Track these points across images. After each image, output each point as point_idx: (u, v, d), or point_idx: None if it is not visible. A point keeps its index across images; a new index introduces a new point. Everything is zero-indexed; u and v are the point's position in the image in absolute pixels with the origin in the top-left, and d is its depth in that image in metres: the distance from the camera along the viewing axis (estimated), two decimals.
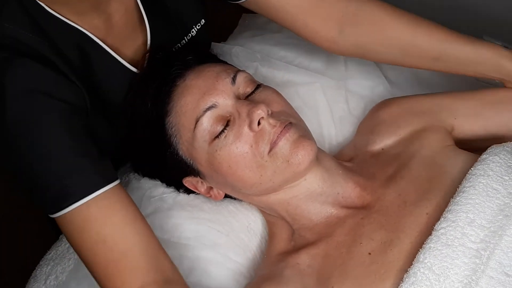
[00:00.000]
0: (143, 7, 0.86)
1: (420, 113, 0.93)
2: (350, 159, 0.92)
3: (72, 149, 0.75)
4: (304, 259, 0.80)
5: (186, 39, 0.95)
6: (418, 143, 0.89)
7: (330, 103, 1.04)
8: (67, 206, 0.73)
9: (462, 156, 0.85)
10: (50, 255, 0.98)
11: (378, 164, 0.88)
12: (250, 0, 0.91)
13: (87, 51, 0.81)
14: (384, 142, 0.92)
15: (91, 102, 0.81)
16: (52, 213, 0.75)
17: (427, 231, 0.75)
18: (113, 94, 0.86)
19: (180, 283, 0.77)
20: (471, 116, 0.92)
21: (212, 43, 1.07)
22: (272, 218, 0.90)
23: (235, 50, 1.11)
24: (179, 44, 0.94)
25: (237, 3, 0.93)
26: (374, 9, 0.91)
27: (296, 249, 0.82)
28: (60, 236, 1.00)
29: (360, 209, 0.83)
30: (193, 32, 0.95)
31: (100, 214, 0.74)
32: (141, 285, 0.73)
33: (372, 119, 0.97)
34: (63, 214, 0.74)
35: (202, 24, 0.96)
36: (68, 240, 0.77)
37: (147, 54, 0.89)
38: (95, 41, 0.81)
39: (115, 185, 0.77)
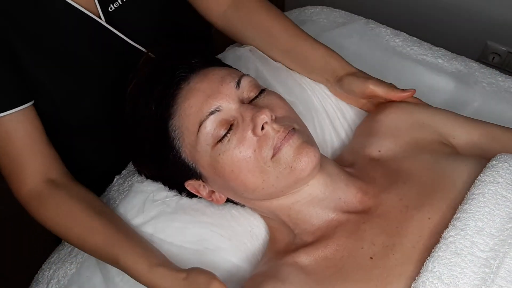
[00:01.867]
0: None
1: (421, 122, 0.92)
2: (350, 164, 0.92)
3: None
4: (302, 258, 0.80)
5: None
6: (419, 148, 0.89)
7: (333, 108, 1.04)
8: None
9: (464, 161, 0.84)
10: (52, 259, 0.98)
11: (379, 168, 0.88)
12: None
13: None
14: (381, 144, 0.91)
15: (25, 41, 0.88)
16: None
17: (430, 236, 0.75)
18: (66, 37, 0.92)
19: (65, 179, 0.93)
20: (469, 145, 0.92)
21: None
22: (274, 223, 0.89)
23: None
24: None
25: None
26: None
27: (295, 249, 0.82)
28: (62, 240, 1.00)
29: (362, 213, 0.82)
30: None
31: (6, 133, 0.89)
32: (33, 185, 0.90)
33: (371, 122, 0.96)
34: None
35: None
36: None
37: (149, 52, 0.90)
38: None
39: (23, 109, 0.89)
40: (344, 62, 1.00)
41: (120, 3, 0.95)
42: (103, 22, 0.94)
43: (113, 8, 0.94)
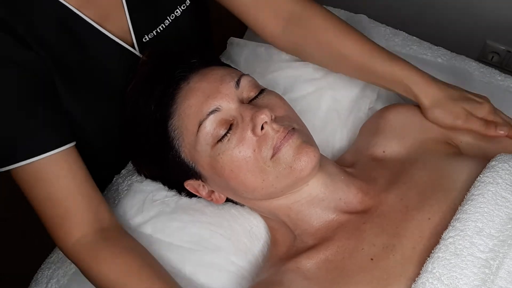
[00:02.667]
0: None
1: (428, 125, 0.92)
2: (351, 164, 0.92)
3: (24, 111, 0.81)
4: (304, 263, 0.80)
5: (169, 19, 0.96)
6: (423, 149, 0.89)
7: (334, 107, 1.04)
8: (12, 163, 0.81)
9: (465, 161, 0.85)
10: (52, 258, 0.98)
11: (380, 168, 0.88)
12: None
13: (69, 25, 0.85)
14: (387, 145, 0.91)
15: (63, 76, 0.86)
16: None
17: (430, 237, 0.75)
18: (101, 69, 0.90)
19: (116, 230, 0.87)
20: (475, 147, 0.92)
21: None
22: (274, 224, 0.89)
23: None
24: (162, 25, 0.96)
25: None
26: (315, 15, 0.97)
27: (297, 254, 0.82)
28: None
29: (362, 213, 0.82)
30: (177, 12, 0.97)
31: (49, 175, 0.82)
32: (81, 235, 0.83)
33: (377, 121, 0.96)
34: (13, 169, 0.82)
35: (187, 5, 0.98)
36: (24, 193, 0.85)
37: (148, 52, 0.90)
38: (76, 13, 0.85)
39: (66, 149, 0.83)
40: (426, 85, 0.91)
41: (155, 34, 0.95)
42: (136, 52, 0.93)
43: (147, 39, 0.94)
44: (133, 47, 0.93)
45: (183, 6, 0.97)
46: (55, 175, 0.82)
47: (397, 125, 0.93)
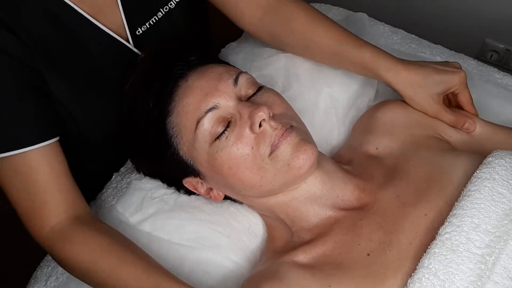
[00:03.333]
0: None
1: (419, 121, 0.93)
2: (348, 161, 0.92)
3: (8, 105, 0.82)
4: (301, 257, 0.80)
5: (163, 11, 0.96)
6: (416, 145, 0.89)
7: (332, 105, 1.04)
8: None
9: (460, 157, 0.85)
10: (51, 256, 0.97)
11: (376, 165, 0.88)
12: None
13: (61, 18, 0.85)
14: (379, 142, 0.92)
15: (52, 68, 0.86)
16: None
17: (427, 232, 0.75)
18: (95, 62, 0.90)
19: (89, 216, 0.89)
20: (465, 143, 0.93)
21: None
22: (271, 221, 0.90)
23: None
24: (155, 17, 0.96)
25: None
26: (288, 3, 1.00)
27: (293, 248, 0.82)
28: None
29: (359, 210, 0.83)
30: (171, 4, 0.97)
31: (28, 168, 0.84)
32: (55, 223, 0.85)
33: (369, 119, 0.97)
34: None
35: None
36: None
37: (146, 51, 0.90)
38: (70, 6, 0.86)
39: (48, 144, 0.84)
40: (394, 68, 0.92)
41: (148, 26, 0.95)
42: (131, 45, 0.94)
43: (140, 32, 0.95)
44: (127, 41, 0.93)
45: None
46: (34, 169, 0.84)
47: (386, 122, 0.93)
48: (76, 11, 0.87)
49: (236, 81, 0.82)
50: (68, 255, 0.85)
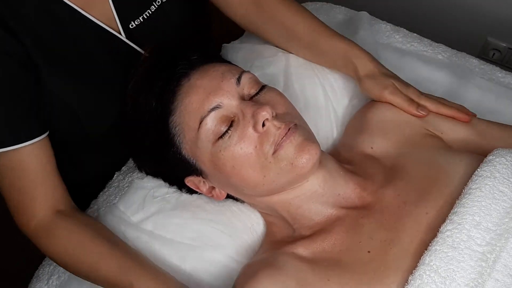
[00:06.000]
0: None
1: (407, 119, 0.93)
2: (349, 161, 0.92)
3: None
4: (300, 250, 0.80)
5: (155, 5, 0.97)
6: (411, 144, 0.89)
7: (333, 103, 1.04)
8: None
9: (460, 156, 0.85)
10: None
11: (375, 165, 0.88)
12: None
13: (54, 11, 0.86)
14: (373, 141, 0.92)
15: (51, 63, 0.87)
16: None
17: (428, 230, 0.75)
18: (89, 55, 0.91)
19: (73, 210, 0.91)
20: (458, 140, 0.93)
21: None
22: (272, 219, 0.90)
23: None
24: (149, 11, 0.96)
25: None
26: None
27: (293, 241, 0.83)
28: None
29: (360, 209, 0.83)
30: None
31: (18, 165, 0.86)
32: (41, 217, 0.88)
33: (360, 119, 0.97)
34: None
35: None
36: None
37: (149, 49, 0.90)
38: (62, 0, 0.86)
39: (38, 141, 0.86)
40: (365, 59, 0.98)
41: (141, 20, 0.95)
42: (123, 38, 0.94)
43: (134, 25, 0.95)
44: (119, 33, 0.93)
45: None
46: (26, 166, 0.86)
47: (377, 122, 0.94)
48: (67, 4, 0.87)
49: (239, 80, 0.82)
50: (53, 249, 0.88)
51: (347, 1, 1.25)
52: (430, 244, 0.72)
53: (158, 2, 0.97)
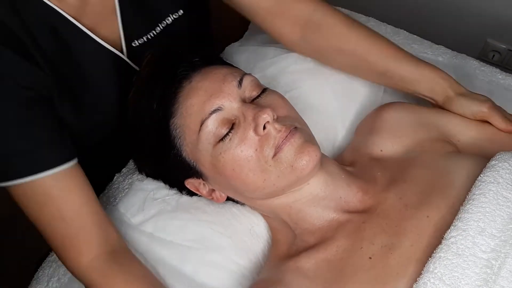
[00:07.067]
0: None
1: (425, 124, 0.93)
2: (351, 163, 0.92)
3: (27, 128, 0.80)
4: (304, 263, 0.80)
5: (161, 27, 0.96)
6: (420, 147, 0.89)
7: (335, 106, 1.04)
8: (14, 179, 0.79)
9: (463, 160, 0.85)
10: (53, 257, 0.98)
11: (379, 168, 0.88)
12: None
13: (61, 32, 0.84)
14: (384, 144, 0.91)
15: (60, 88, 0.85)
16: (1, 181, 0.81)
17: (429, 235, 0.75)
18: (90, 75, 0.89)
19: (126, 253, 0.86)
20: (472, 145, 0.93)
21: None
22: (275, 223, 0.90)
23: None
24: (153, 31, 0.95)
25: None
26: (336, 21, 0.98)
27: (297, 253, 0.82)
28: None
29: (362, 213, 0.82)
30: (168, 20, 0.96)
31: (58, 192, 0.81)
32: (93, 256, 0.82)
33: (374, 120, 0.96)
34: (14, 186, 0.80)
35: (180, 14, 0.97)
36: (25, 213, 0.83)
37: (151, 54, 0.89)
38: (70, 21, 0.84)
39: (72, 165, 0.82)
40: (452, 80, 0.95)
41: (145, 40, 0.94)
42: (124, 57, 0.93)
43: (137, 44, 0.94)
44: (121, 51, 0.92)
45: (175, 15, 0.97)
46: (62, 193, 0.81)
47: (393, 124, 0.93)
48: (76, 25, 0.85)
49: (240, 82, 0.82)
50: None
51: (347, 3, 1.25)
52: (434, 251, 0.71)
53: (164, 24, 0.96)
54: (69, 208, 0.82)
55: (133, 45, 0.93)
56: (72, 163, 0.83)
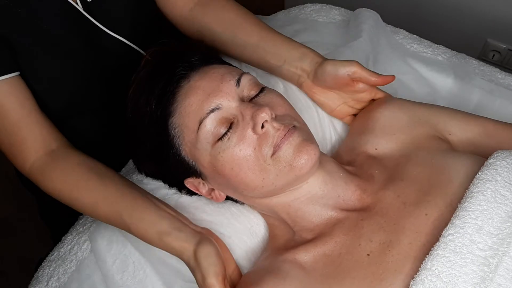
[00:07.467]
0: None
1: (417, 119, 0.92)
2: (349, 162, 0.92)
3: None
4: (302, 255, 0.80)
5: None
6: (415, 145, 0.89)
7: None
8: None
9: (461, 158, 0.85)
10: (52, 256, 0.98)
11: (376, 166, 0.88)
12: None
13: None
14: (378, 142, 0.91)
15: (30, 30, 0.90)
16: None
17: (427, 232, 0.75)
18: (46, 24, 0.92)
19: (64, 148, 0.95)
20: (465, 141, 0.92)
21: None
22: (273, 221, 0.90)
23: None
24: None
25: None
26: (225, 3, 1.03)
27: (295, 246, 0.82)
28: (63, 237, 1.01)
29: (360, 211, 0.83)
30: None
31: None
32: (34, 159, 0.92)
33: (366, 119, 0.96)
34: None
35: None
36: None
37: (149, 53, 0.89)
38: None
39: (10, 78, 0.89)
40: (322, 55, 0.97)
41: None
42: (80, 9, 0.94)
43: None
44: (77, 4, 0.94)
45: None
46: (5, 105, 0.89)
47: (385, 122, 0.93)
48: None
49: (238, 82, 0.82)
50: (50, 190, 0.93)
51: (347, 3, 1.25)
52: (432, 249, 0.72)
53: None
54: (10, 119, 0.90)
55: (88, 0, 0.95)
56: (10, 76, 0.89)
